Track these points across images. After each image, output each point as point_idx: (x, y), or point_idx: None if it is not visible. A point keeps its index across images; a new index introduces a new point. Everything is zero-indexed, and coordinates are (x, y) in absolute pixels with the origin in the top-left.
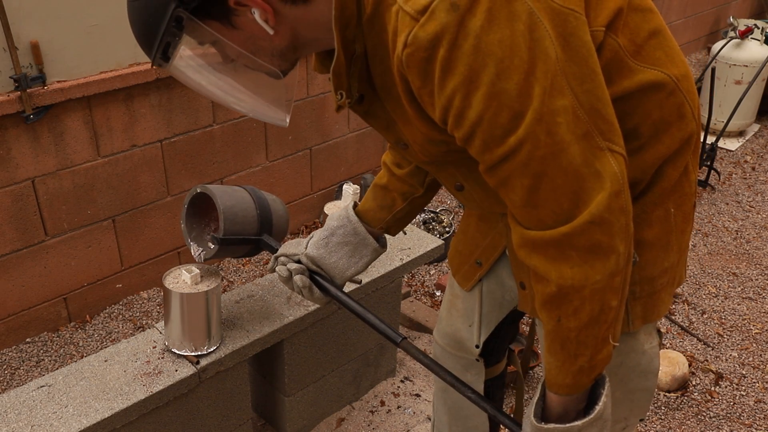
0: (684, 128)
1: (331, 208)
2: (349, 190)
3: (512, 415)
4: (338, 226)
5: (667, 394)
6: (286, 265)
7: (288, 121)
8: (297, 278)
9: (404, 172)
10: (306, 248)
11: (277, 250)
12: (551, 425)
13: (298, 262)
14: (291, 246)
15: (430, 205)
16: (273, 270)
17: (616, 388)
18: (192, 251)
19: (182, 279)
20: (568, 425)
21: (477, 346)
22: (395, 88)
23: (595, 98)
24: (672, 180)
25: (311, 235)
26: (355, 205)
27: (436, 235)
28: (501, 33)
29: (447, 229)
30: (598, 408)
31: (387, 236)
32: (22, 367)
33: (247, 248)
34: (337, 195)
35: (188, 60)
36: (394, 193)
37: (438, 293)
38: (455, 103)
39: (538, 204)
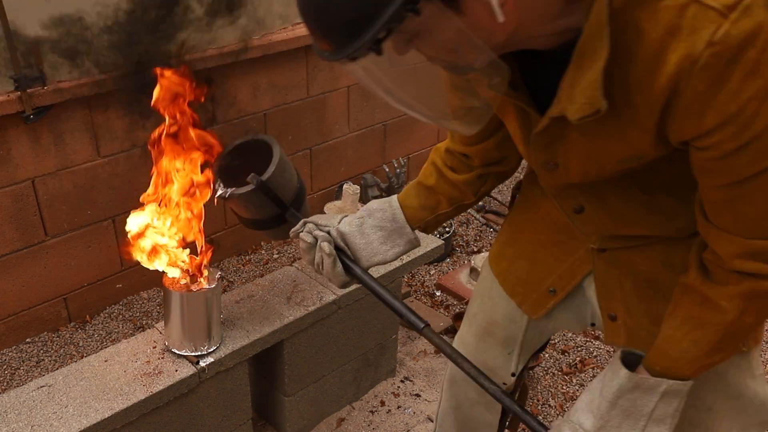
0: None
1: (331, 208)
2: (349, 190)
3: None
4: (378, 209)
5: None
6: (313, 233)
7: (475, 130)
8: (323, 244)
9: (460, 179)
10: (339, 223)
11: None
12: (647, 375)
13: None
14: (322, 217)
15: None
16: (297, 234)
17: (733, 422)
18: (217, 186)
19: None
20: (661, 379)
21: (513, 374)
22: (624, 99)
23: None
24: None
25: (345, 214)
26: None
27: (436, 235)
28: None
29: (447, 229)
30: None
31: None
32: (22, 367)
33: (270, 212)
34: (337, 195)
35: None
36: (440, 196)
37: (438, 293)
38: (747, 111)
39: None
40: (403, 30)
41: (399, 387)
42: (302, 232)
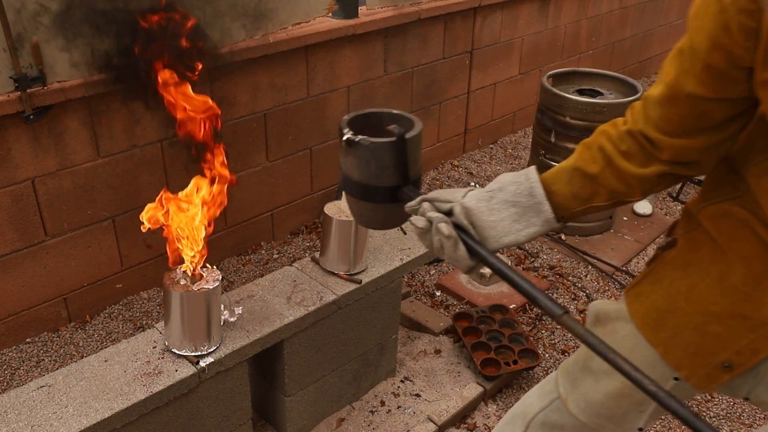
0: None
1: (331, 208)
2: None
3: None
4: (511, 182)
5: None
6: (426, 214)
7: None
8: (441, 226)
9: (635, 173)
10: (463, 197)
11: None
12: None
13: (449, 212)
14: (446, 192)
15: None
16: (412, 211)
17: None
18: (345, 132)
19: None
20: None
21: (641, 429)
22: None
23: None
24: None
25: (472, 186)
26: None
27: None
28: None
29: None
30: None
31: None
32: (22, 367)
33: (390, 179)
34: (337, 195)
35: None
36: (601, 188)
37: (438, 293)
38: None
39: None
40: None
41: (399, 387)
42: (415, 214)
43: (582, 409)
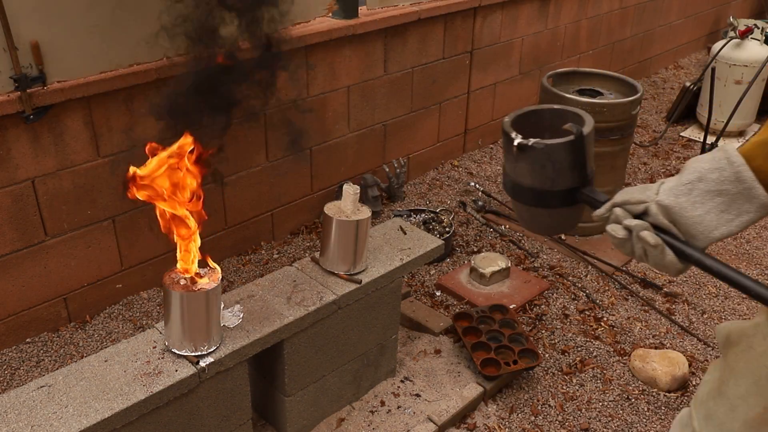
0: None
1: (331, 208)
2: (349, 190)
3: None
4: (711, 169)
5: (667, 394)
6: (622, 222)
7: None
8: (645, 234)
9: None
10: (658, 194)
11: (603, 203)
12: None
13: (643, 213)
14: (635, 191)
15: (429, 204)
16: (604, 217)
17: None
18: (514, 136)
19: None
20: None
21: None
22: None
23: None
24: None
25: (662, 180)
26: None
27: (436, 235)
28: None
29: (447, 229)
30: None
31: (386, 235)
32: (22, 367)
33: (567, 181)
34: (337, 195)
35: None
36: None
37: (438, 293)
38: None
39: None
40: None
41: (399, 387)
42: (610, 223)
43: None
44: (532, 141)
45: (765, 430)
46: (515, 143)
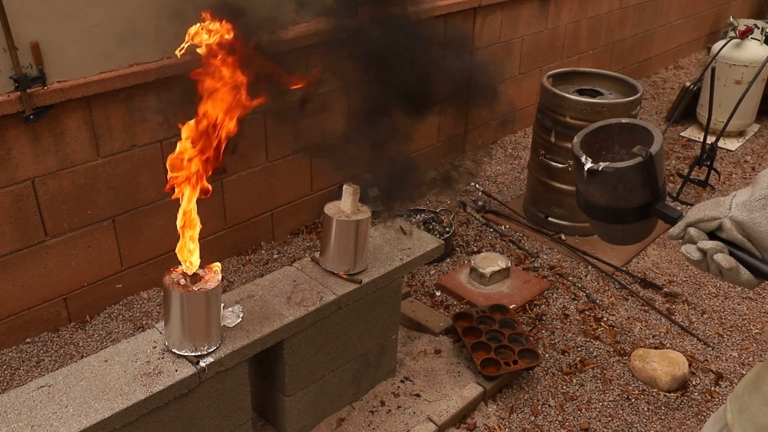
0: None
1: (331, 208)
2: (349, 190)
3: None
4: None
5: (667, 394)
6: (696, 243)
7: None
8: (719, 257)
9: None
10: (731, 209)
11: (676, 219)
12: None
13: (718, 229)
14: (708, 207)
15: (430, 204)
16: (679, 237)
17: None
18: (584, 160)
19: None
20: None
21: None
22: None
23: None
24: None
25: (734, 194)
26: None
27: (436, 235)
28: None
29: (447, 229)
30: None
31: (385, 237)
32: (22, 367)
33: (639, 199)
34: (337, 195)
35: None
36: None
37: (438, 293)
38: None
39: None
40: None
41: (399, 387)
42: (685, 243)
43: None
44: (602, 165)
45: None
46: (586, 168)
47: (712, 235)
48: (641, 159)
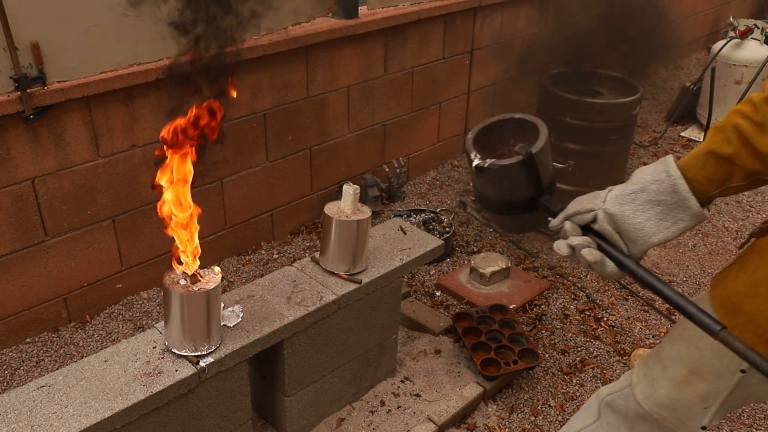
0: None
1: (331, 208)
2: (350, 190)
3: None
4: (653, 180)
5: None
6: (569, 239)
7: None
8: (585, 252)
9: None
10: (605, 202)
11: (557, 212)
12: None
13: (593, 221)
14: (585, 200)
15: (429, 204)
16: (557, 228)
17: None
18: (473, 157)
19: None
20: None
21: (704, 428)
22: None
23: None
24: None
25: (609, 188)
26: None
27: (436, 235)
28: None
29: (447, 229)
30: None
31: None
32: (22, 367)
33: (524, 193)
34: (337, 195)
35: None
36: (736, 168)
37: (438, 293)
38: None
39: None
40: None
41: (399, 387)
42: (559, 238)
43: (647, 396)
44: (487, 163)
45: (686, 390)
46: (473, 165)
47: (588, 227)
48: (522, 157)
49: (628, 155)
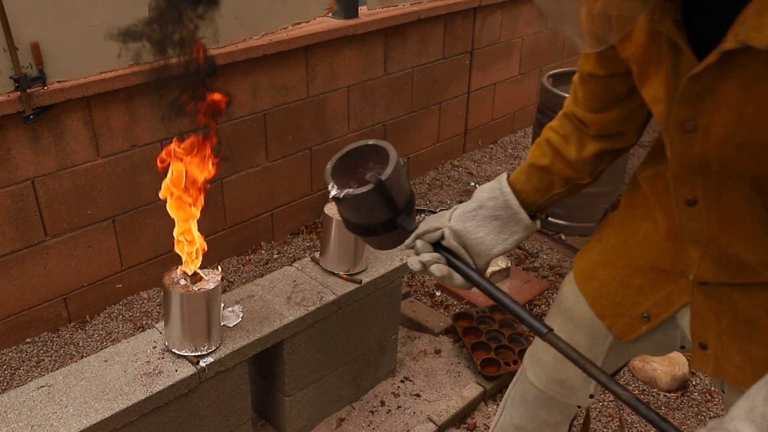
0: None
1: (331, 209)
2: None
3: None
4: (489, 198)
5: (667, 394)
6: (419, 256)
7: (590, 47)
8: (433, 268)
9: (576, 157)
10: (450, 220)
11: (412, 231)
12: None
13: (441, 238)
14: (433, 219)
15: (429, 204)
16: (410, 247)
17: None
18: (330, 188)
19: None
20: None
21: (591, 396)
22: None
23: None
24: None
25: (455, 207)
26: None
27: None
28: None
29: None
30: None
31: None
32: (22, 367)
33: (381, 216)
34: None
35: None
36: (555, 177)
37: (438, 293)
38: None
39: None
40: None
41: (399, 387)
42: (410, 257)
43: (537, 375)
44: (342, 193)
45: (567, 361)
46: (331, 196)
47: (438, 243)
48: (372, 185)
49: (628, 155)
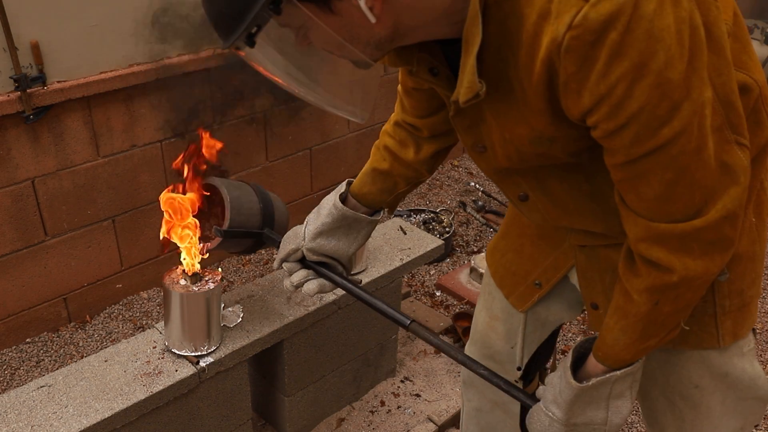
0: (761, 135)
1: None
2: None
3: None
4: (327, 215)
5: None
6: (290, 278)
7: (366, 117)
8: (305, 288)
9: (414, 159)
10: (305, 240)
11: (278, 244)
12: (592, 380)
13: (302, 258)
14: (290, 241)
15: (429, 204)
16: (278, 269)
17: (725, 396)
18: (200, 245)
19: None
20: (606, 376)
21: (519, 368)
22: (517, 82)
23: (730, 90)
24: (752, 189)
25: (306, 221)
26: (348, 184)
27: (436, 235)
28: (668, 19)
29: (447, 229)
30: (636, 363)
31: (387, 234)
32: (22, 367)
33: (249, 242)
34: None
35: (270, 46)
36: (397, 178)
37: (438, 293)
38: (617, 91)
39: (672, 198)
40: (287, 25)
41: (399, 387)
42: (285, 281)
43: (471, 353)
44: (205, 249)
45: (491, 335)
46: (205, 251)
47: (304, 259)
48: (220, 237)
49: None
